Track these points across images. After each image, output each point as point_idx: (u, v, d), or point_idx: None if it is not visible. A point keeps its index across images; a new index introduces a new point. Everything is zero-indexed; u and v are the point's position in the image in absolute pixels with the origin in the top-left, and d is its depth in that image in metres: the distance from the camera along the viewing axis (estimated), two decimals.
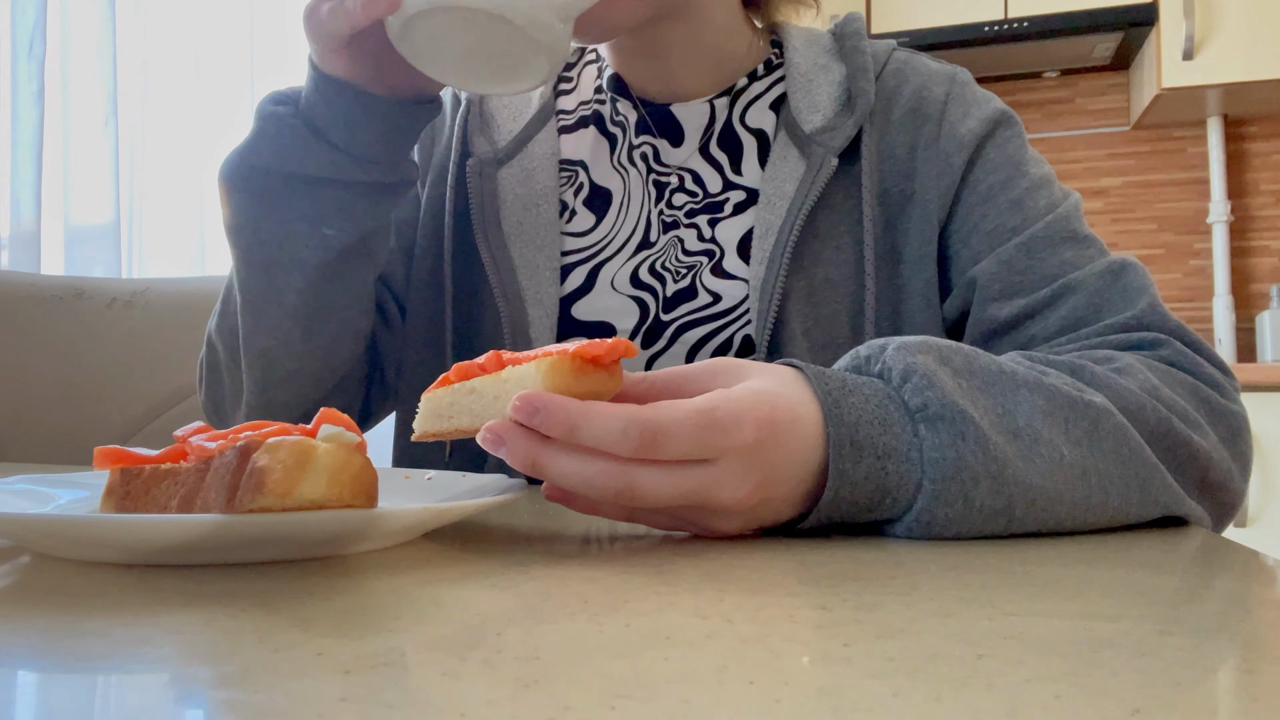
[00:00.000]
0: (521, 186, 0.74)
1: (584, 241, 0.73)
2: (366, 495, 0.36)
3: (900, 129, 0.71)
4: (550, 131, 0.76)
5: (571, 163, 0.76)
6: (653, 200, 0.74)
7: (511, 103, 0.78)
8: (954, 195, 0.69)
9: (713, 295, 0.70)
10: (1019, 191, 0.68)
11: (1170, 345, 0.58)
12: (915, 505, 0.42)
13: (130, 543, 0.34)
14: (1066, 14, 2.42)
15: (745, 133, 0.74)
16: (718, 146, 0.74)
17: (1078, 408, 0.45)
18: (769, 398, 0.40)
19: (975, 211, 0.69)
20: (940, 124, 0.71)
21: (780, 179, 0.69)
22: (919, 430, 0.42)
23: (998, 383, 0.45)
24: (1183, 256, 2.65)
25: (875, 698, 0.21)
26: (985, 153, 0.70)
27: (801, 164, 0.69)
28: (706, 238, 0.72)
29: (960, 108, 0.71)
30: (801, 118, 0.71)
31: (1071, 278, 0.63)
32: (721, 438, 0.38)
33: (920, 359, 0.43)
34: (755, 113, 0.75)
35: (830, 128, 0.70)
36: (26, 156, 1.58)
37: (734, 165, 0.73)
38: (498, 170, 0.75)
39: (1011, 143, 0.70)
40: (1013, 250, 0.66)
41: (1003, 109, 0.72)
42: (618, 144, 0.76)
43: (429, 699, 0.21)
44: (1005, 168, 0.69)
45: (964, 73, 0.75)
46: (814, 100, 0.72)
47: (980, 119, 0.70)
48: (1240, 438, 0.55)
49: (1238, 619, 0.29)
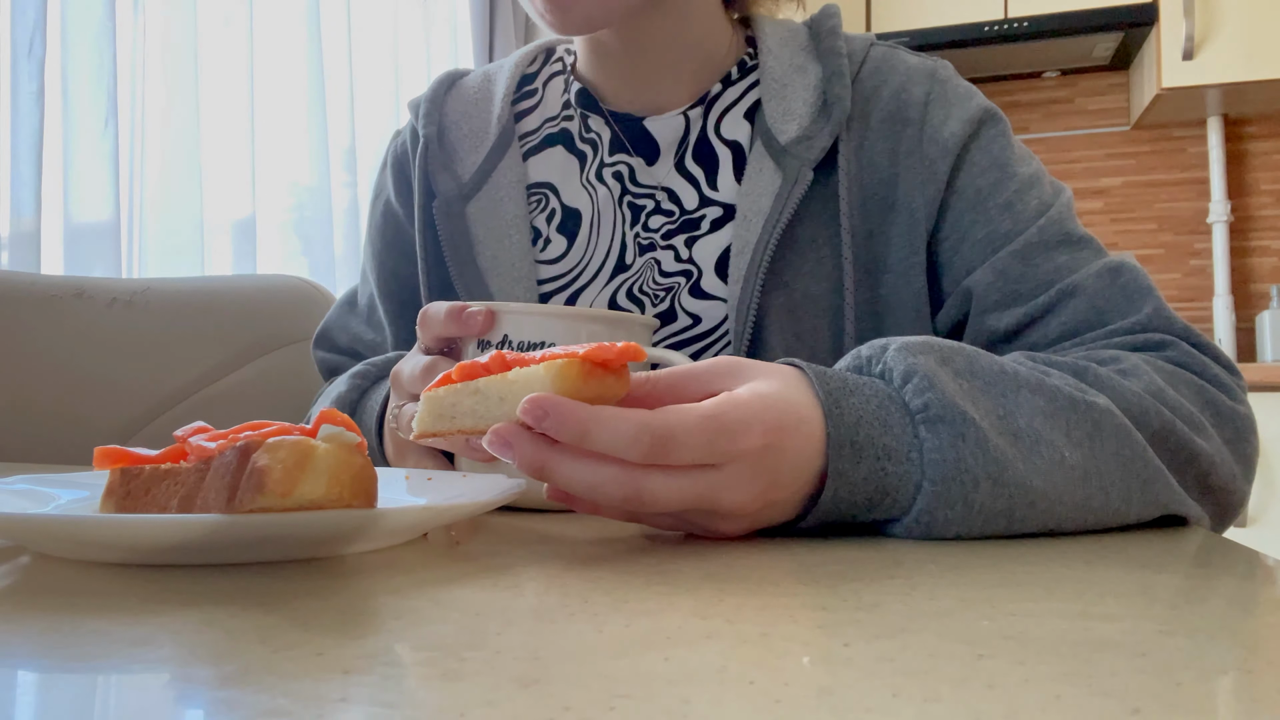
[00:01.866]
0: (491, 219, 0.72)
1: (559, 269, 0.72)
2: (366, 495, 0.36)
3: (880, 134, 0.69)
4: (514, 156, 0.74)
5: (539, 185, 0.74)
6: (627, 223, 0.72)
7: (470, 132, 0.76)
8: (940, 202, 0.67)
9: (692, 317, 0.69)
10: (1009, 194, 0.66)
11: (1177, 346, 0.57)
12: (915, 506, 0.42)
13: (130, 543, 0.34)
14: (1066, 14, 2.42)
15: (720, 144, 0.72)
16: (693, 160, 0.72)
17: (1080, 409, 0.45)
18: (775, 401, 0.40)
19: (964, 219, 0.66)
20: (922, 128, 0.68)
21: (756, 193, 0.67)
22: (919, 431, 0.42)
23: (999, 383, 0.45)
24: (1183, 256, 2.65)
25: (875, 698, 0.21)
26: (970, 156, 0.67)
27: (778, 177, 0.67)
28: (684, 258, 0.70)
29: (942, 109, 0.68)
30: (776, 128, 0.68)
31: (1069, 282, 0.62)
32: (730, 443, 0.38)
33: (921, 359, 0.43)
34: (730, 122, 0.72)
35: (806, 137, 0.67)
36: (26, 156, 1.58)
37: (710, 180, 0.71)
38: (465, 206, 0.73)
39: (996, 142, 0.68)
40: (1007, 258, 0.64)
41: (985, 106, 0.69)
42: (587, 161, 0.74)
43: (429, 699, 0.21)
44: (992, 170, 0.67)
45: (945, 68, 0.72)
46: (789, 107, 0.69)
47: (962, 120, 0.68)
48: (1246, 440, 0.55)
49: (1238, 619, 0.29)
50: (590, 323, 0.53)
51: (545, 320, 0.53)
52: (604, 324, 0.53)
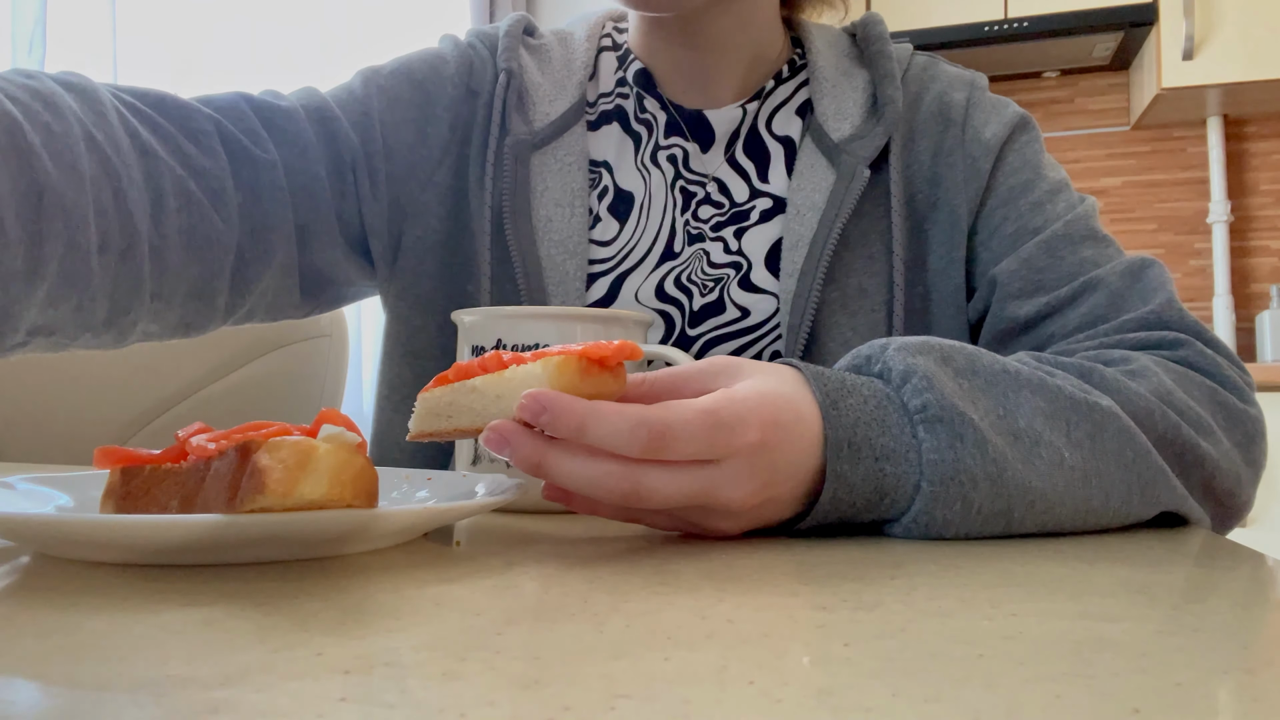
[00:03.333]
0: (554, 179, 0.70)
1: (607, 251, 0.71)
2: (367, 495, 0.36)
3: (924, 134, 0.71)
4: (583, 126, 0.73)
5: (596, 163, 0.73)
6: (678, 208, 0.72)
7: (546, 84, 0.73)
8: (980, 200, 0.69)
9: (741, 310, 0.69)
10: (1039, 194, 0.68)
11: (1189, 345, 0.57)
12: (914, 507, 0.42)
13: (130, 543, 0.34)
14: (1066, 14, 2.42)
15: (771, 139, 0.73)
16: (744, 153, 0.73)
17: (1081, 410, 0.45)
18: (772, 397, 0.40)
19: (996, 214, 0.69)
20: (964, 129, 0.70)
21: (809, 189, 0.69)
22: (918, 432, 0.42)
23: (999, 383, 0.45)
24: (1183, 256, 2.65)
25: (875, 698, 0.21)
26: (1007, 157, 0.70)
27: (830, 174, 0.68)
28: (733, 250, 0.70)
29: (982, 113, 0.71)
30: (829, 125, 0.70)
31: (1093, 275, 0.63)
32: (728, 438, 0.38)
33: (920, 360, 0.43)
34: (781, 119, 0.73)
35: (859, 136, 0.69)
36: None
37: (760, 173, 0.72)
38: (532, 155, 0.71)
39: (1030, 146, 0.71)
40: (1033, 248, 0.65)
41: (1021, 113, 0.72)
42: (642, 143, 0.74)
43: (429, 699, 0.21)
44: (1025, 171, 0.69)
45: (981, 78, 0.75)
46: (841, 107, 0.71)
47: (1002, 123, 0.70)
48: (1255, 443, 0.54)
49: (1238, 619, 0.29)
50: (585, 323, 0.53)
51: (539, 323, 0.53)
52: (599, 323, 0.53)
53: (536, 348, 0.51)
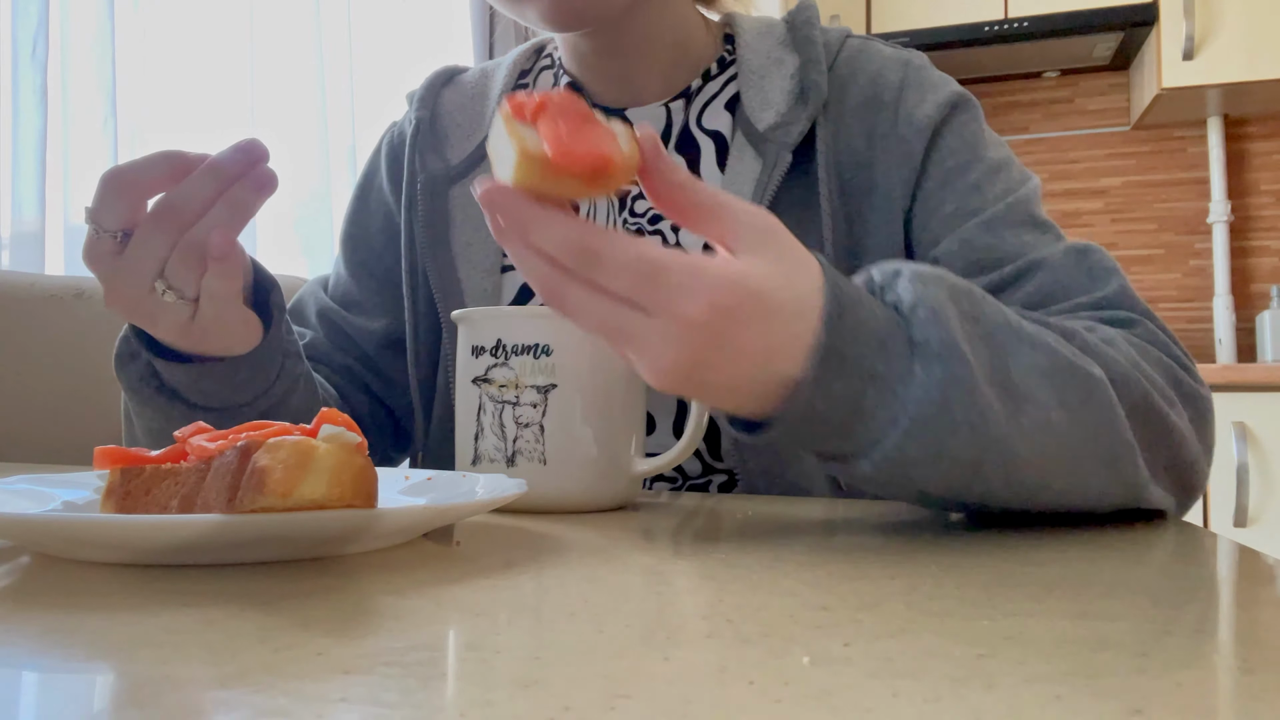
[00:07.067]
0: (473, 207, 0.73)
1: None
2: (367, 495, 0.36)
3: (856, 118, 0.70)
4: None
5: None
6: (615, 208, 0.73)
7: (464, 121, 0.77)
8: (915, 182, 0.68)
9: None
10: (977, 175, 0.67)
11: (1143, 325, 0.57)
12: (886, 441, 0.41)
13: (130, 543, 0.34)
14: (1066, 14, 2.42)
15: (702, 135, 0.73)
16: (676, 151, 0.73)
17: (1078, 375, 0.44)
18: (753, 290, 0.39)
19: (934, 197, 0.67)
20: (896, 110, 0.69)
21: (739, 181, 0.69)
22: (914, 366, 0.41)
23: (1000, 333, 0.44)
24: (1183, 256, 2.65)
25: (875, 698, 0.21)
26: (943, 137, 0.68)
27: (758, 163, 0.68)
28: (671, 243, 0.70)
29: (916, 93, 0.70)
30: (755, 116, 0.70)
31: (1035, 256, 0.62)
32: (664, 297, 0.38)
33: (933, 291, 0.42)
34: (711, 114, 0.73)
35: (784, 123, 0.69)
36: (29, 157, 1.58)
37: (693, 169, 0.72)
38: (449, 188, 0.74)
39: (968, 127, 0.69)
40: (973, 229, 0.65)
41: (959, 91, 0.70)
42: None
43: (429, 699, 0.21)
44: (963, 152, 0.68)
45: (919, 56, 0.73)
46: (766, 96, 0.70)
47: (937, 103, 0.69)
48: (1207, 422, 0.54)
49: (1238, 619, 0.29)
50: None
51: (539, 322, 0.53)
52: None
53: (539, 348, 0.51)
